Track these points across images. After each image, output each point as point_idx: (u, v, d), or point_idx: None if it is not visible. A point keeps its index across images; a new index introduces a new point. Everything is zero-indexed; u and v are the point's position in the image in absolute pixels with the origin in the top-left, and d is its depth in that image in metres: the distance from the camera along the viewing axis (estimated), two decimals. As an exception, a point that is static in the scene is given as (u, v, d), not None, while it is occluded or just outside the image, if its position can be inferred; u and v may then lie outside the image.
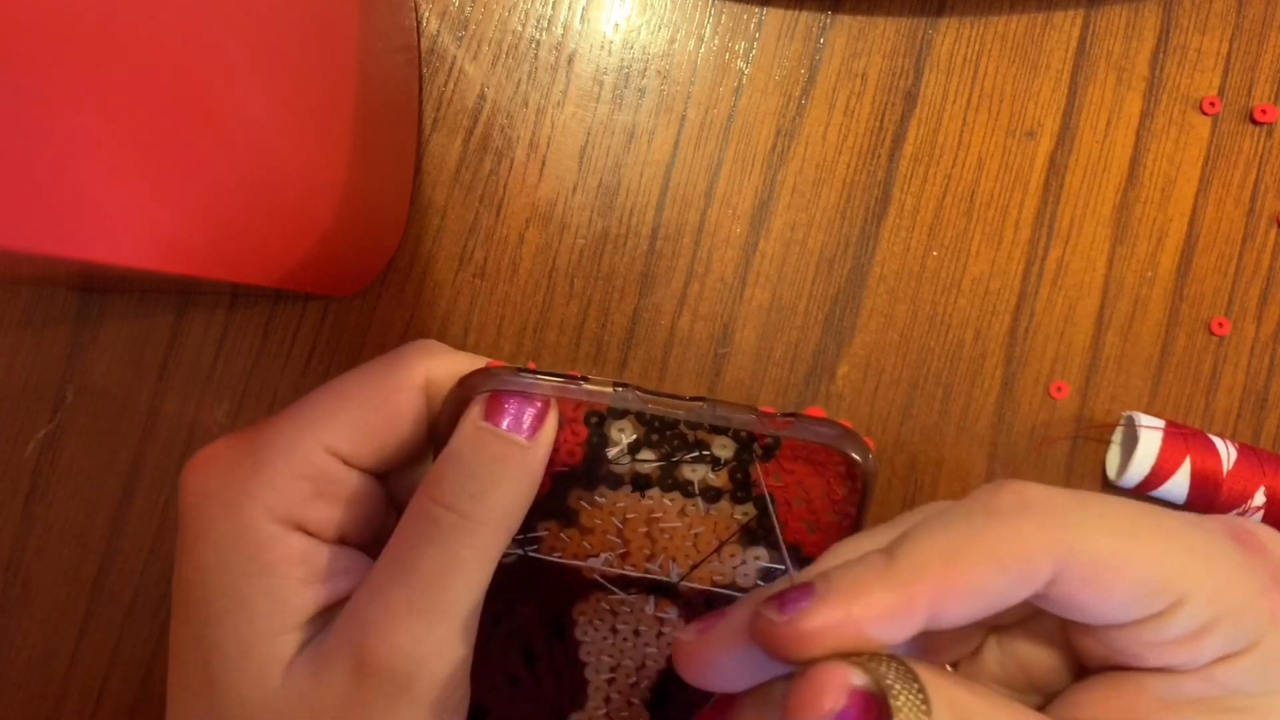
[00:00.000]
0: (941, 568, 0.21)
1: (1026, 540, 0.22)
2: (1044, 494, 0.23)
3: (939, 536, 0.22)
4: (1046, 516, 0.22)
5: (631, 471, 0.28)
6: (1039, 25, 0.41)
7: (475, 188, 0.40)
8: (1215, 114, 0.41)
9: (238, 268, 0.30)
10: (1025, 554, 0.22)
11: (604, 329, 0.40)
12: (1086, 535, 0.22)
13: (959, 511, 0.23)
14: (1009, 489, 0.23)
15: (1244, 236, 0.41)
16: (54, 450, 0.40)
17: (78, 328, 0.40)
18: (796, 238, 0.41)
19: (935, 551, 0.22)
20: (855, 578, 0.22)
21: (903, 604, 0.21)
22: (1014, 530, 0.22)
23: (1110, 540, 0.22)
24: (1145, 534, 0.22)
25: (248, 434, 0.27)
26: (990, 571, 0.21)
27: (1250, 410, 0.41)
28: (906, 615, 0.21)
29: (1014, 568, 0.21)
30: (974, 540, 0.22)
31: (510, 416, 0.26)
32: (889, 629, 0.21)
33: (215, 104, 0.24)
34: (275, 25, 0.26)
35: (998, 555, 0.21)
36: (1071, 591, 0.22)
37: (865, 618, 0.21)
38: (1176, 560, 0.22)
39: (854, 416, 0.40)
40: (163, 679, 0.39)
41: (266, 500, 0.26)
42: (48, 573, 0.39)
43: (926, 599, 0.21)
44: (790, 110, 0.41)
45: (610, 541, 0.29)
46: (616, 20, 0.41)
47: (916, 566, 0.21)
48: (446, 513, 0.25)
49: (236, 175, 0.27)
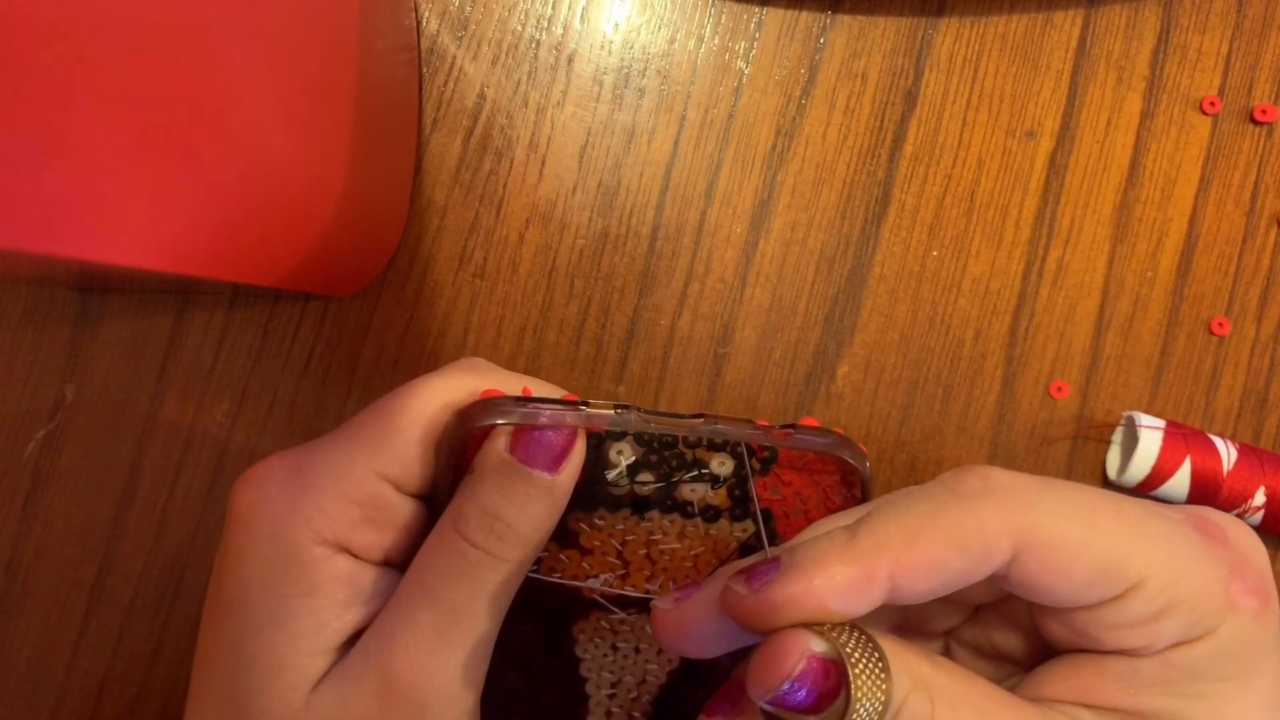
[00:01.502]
0: (902, 544, 0.22)
1: (985, 522, 0.22)
2: (1007, 478, 0.24)
3: (902, 515, 0.23)
4: (1007, 500, 0.23)
5: (630, 494, 0.28)
6: (1039, 25, 0.41)
7: (475, 188, 0.40)
8: (1215, 114, 0.41)
9: (238, 268, 0.30)
10: (984, 535, 0.22)
11: (604, 329, 0.40)
12: (1044, 519, 0.23)
13: (923, 492, 0.24)
14: (974, 473, 0.24)
15: (1244, 236, 0.41)
16: (54, 450, 0.40)
17: (78, 328, 0.40)
18: (796, 238, 0.41)
19: (896, 529, 0.23)
20: (818, 552, 0.23)
21: (862, 577, 0.22)
22: (974, 512, 0.23)
23: (1068, 525, 0.23)
24: (1104, 520, 0.23)
25: (300, 454, 0.28)
26: (949, 550, 0.22)
27: (1250, 410, 0.41)
28: (866, 588, 0.22)
29: (972, 548, 0.22)
30: (935, 520, 0.23)
31: (535, 452, 0.26)
32: (849, 601, 0.22)
33: (215, 104, 0.24)
34: (275, 25, 0.26)
35: (957, 535, 0.22)
36: (1030, 573, 0.23)
37: (826, 590, 0.22)
38: (1134, 546, 0.23)
39: (854, 416, 0.40)
40: (162, 679, 0.39)
41: (316, 523, 0.26)
42: (48, 573, 0.39)
43: (885, 573, 0.22)
44: (790, 110, 0.41)
45: (610, 563, 0.29)
46: (616, 20, 0.41)
47: (877, 543, 0.22)
48: (473, 549, 0.26)
49: (236, 175, 0.27)
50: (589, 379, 0.40)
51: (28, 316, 0.40)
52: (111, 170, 0.21)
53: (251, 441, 0.40)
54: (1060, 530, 0.23)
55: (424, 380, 0.28)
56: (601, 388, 0.40)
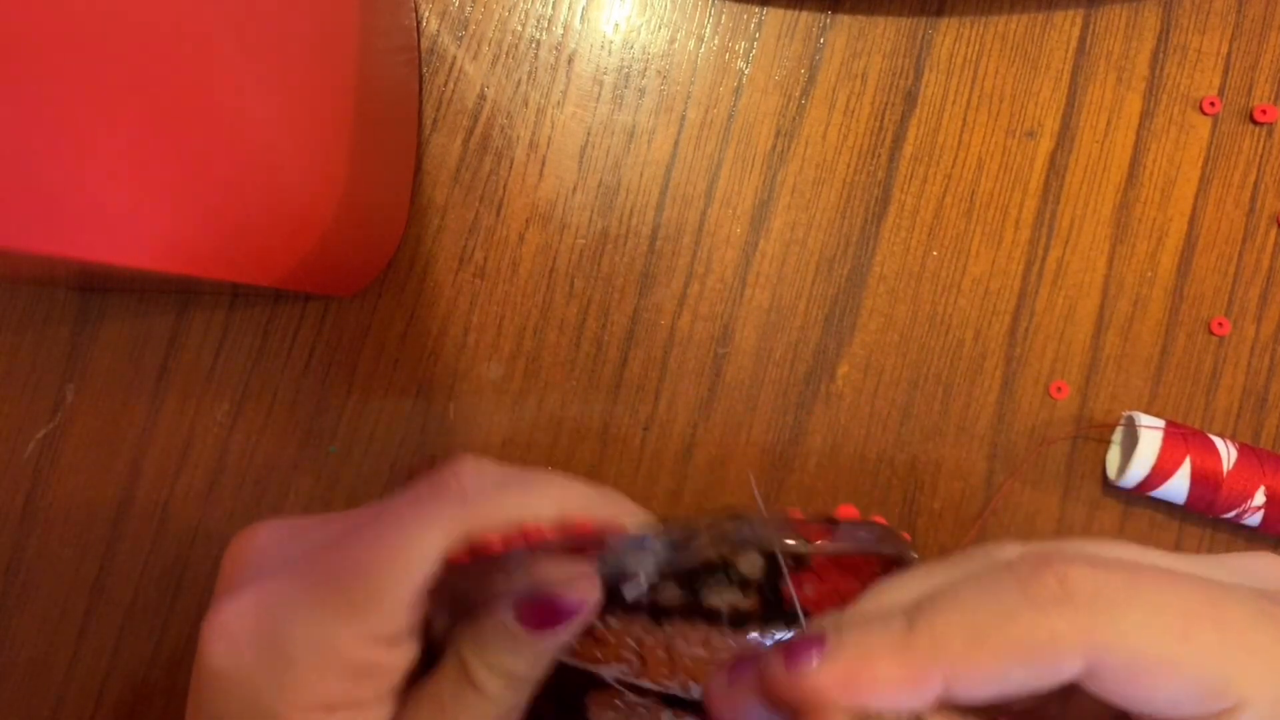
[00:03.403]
0: (962, 649, 0.20)
1: (1058, 634, 0.20)
2: (1090, 583, 0.21)
3: (966, 613, 0.21)
4: (1088, 612, 0.21)
5: (651, 602, 0.26)
6: (1039, 25, 0.41)
7: (475, 188, 0.40)
8: (1215, 114, 0.41)
9: (238, 268, 0.30)
10: (1055, 650, 0.20)
11: (604, 329, 0.40)
12: (1130, 633, 0.20)
13: (991, 586, 0.22)
14: (1050, 569, 0.21)
15: (1244, 236, 0.41)
16: (54, 450, 0.40)
17: (78, 328, 0.40)
18: (796, 238, 0.41)
19: (957, 630, 0.21)
20: (867, 642, 0.21)
21: (911, 679, 0.20)
22: (1046, 623, 0.21)
23: (1158, 640, 0.20)
24: (1201, 632, 0.21)
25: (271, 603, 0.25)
26: (1013, 663, 0.20)
27: (1250, 410, 0.41)
28: (914, 691, 0.20)
29: (1040, 662, 0.20)
30: (1001, 626, 0.21)
31: (544, 621, 0.25)
32: (893, 701, 0.20)
33: (216, 104, 0.24)
34: (275, 26, 0.26)
35: (1023, 647, 0.20)
36: (1110, 686, 0.21)
37: (870, 686, 0.20)
38: (1236, 662, 0.20)
39: (854, 416, 0.40)
40: (162, 679, 0.39)
41: (302, 698, 0.24)
42: (48, 573, 0.39)
43: (939, 678, 0.20)
44: (790, 110, 0.41)
45: (625, 657, 0.27)
46: (616, 20, 0.41)
47: (934, 644, 0.21)
48: (489, 700, 0.25)
49: (237, 176, 0.27)
50: (589, 379, 0.40)
51: (28, 316, 0.40)
52: (112, 171, 0.21)
53: (251, 441, 0.40)
54: (1148, 646, 0.20)
55: (409, 524, 0.25)
56: (601, 387, 0.40)
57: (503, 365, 0.40)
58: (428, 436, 0.40)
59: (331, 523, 0.27)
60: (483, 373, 0.40)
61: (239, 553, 0.27)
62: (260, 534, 0.27)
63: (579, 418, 0.40)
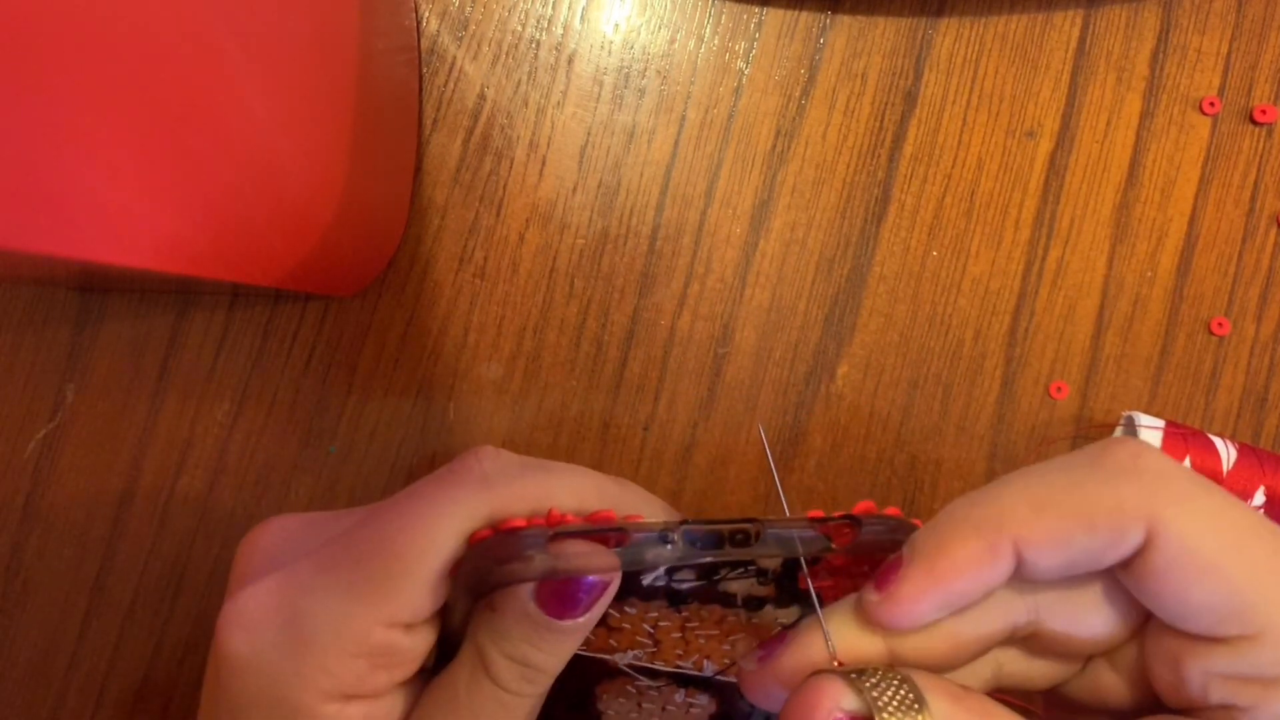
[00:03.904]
0: (1027, 515, 0.21)
1: (1125, 501, 0.21)
2: (1161, 463, 0.21)
3: (1033, 484, 0.21)
4: (1155, 485, 0.21)
5: (668, 587, 0.26)
6: (1039, 25, 0.41)
7: (475, 188, 0.40)
8: (1215, 114, 0.41)
9: (238, 268, 0.30)
10: (1120, 516, 0.20)
11: (604, 329, 0.40)
12: (1189, 521, 0.20)
13: (1061, 462, 0.22)
14: (1126, 445, 0.22)
15: (1244, 236, 0.41)
16: (54, 450, 0.40)
17: (78, 328, 0.40)
18: (796, 238, 0.41)
19: (1023, 499, 0.21)
20: (939, 534, 0.21)
21: (985, 552, 0.21)
22: (1113, 490, 0.21)
23: (1212, 537, 0.20)
24: (1254, 548, 0.21)
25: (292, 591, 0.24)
26: (1079, 528, 0.21)
27: (1250, 410, 0.41)
28: (991, 565, 0.21)
29: (1104, 527, 0.21)
30: (1070, 493, 0.21)
31: (564, 605, 0.24)
32: (977, 579, 0.21)
33: (216, 104, 0.24)
34: (276, 26, 0.26)
35: (1090, 511, 0.21)
36: (1150, 571, 0.21)
37: (952, 571, 0.21)
38: (1272, 589, 0.20)
39: (854, 416, 0.40)
40: (162, 679, 0.39)
41: (322, 683, 0.24)
42: (48, 573, 0.39)
43: (1010, 547, 0.21)
44: (790, 110, 0.41)
45: (640, 641, 0.27)
46: (616, 20, 0.41)
47: (1001, 514, 0.21)
48: (506, 693, 0.25)
49: (237, 175, 0.27)
50: (589, 379, 0.40)
51: (28, 317, 0.40)
52: (112, 170, 0.21)
53: (252, 441, 0.40)
54: (1200, 539, 0.20)
55: (431, 504, 0.24)
56: (601, 387, 0.40)
57: (503, 365, 0.40)
58: (428, 436, 0.40)
59: (346, 515, 0.27)
60: (483, 373, 0.40)
61: (253, 547, 0.27)
62: (273, 527, 0.27)
63: (579, 418, 0.40)
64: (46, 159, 0.19)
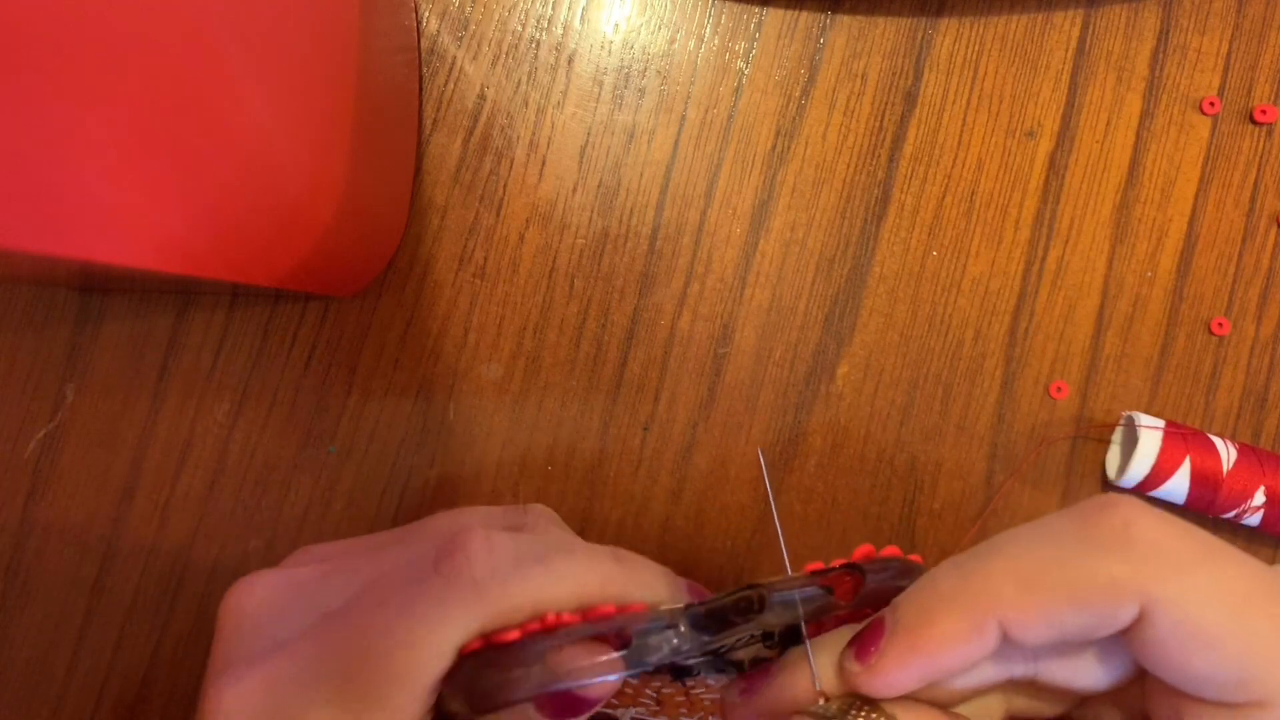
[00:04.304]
0: (1014, 593, 0.20)
1: (1116, 581, 0.20)
2: (1155, 532, 0.20)
3: (1021, 556, 0.21)
4: (1148, 559, 0.20)
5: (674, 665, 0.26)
6: (1039, 25, 0.41)
7: (475, 188, 0.40)
8: (1215, 114, 0.41)
9: (238, 268, 0.30)
10: (1113, 596, 0.20)
11: (604, 329, 0.40)
12: (1188, 597, 0.20)
13: (1050, 530, 0.21)
14: (1118, 511, 0.21)
15: (1244, 236, 0.41)
16: (54, 450, 0.40)
17: (78, 328, 0.40)
18: (796, 238, 0.41)
19: (1010, 574, 0.20)
20: (922, 605, 0.21)
21: (970, 629, 0.20)
22: (1105, 566, 0.20)
23: (1212, 611, 0.20)
24: (1254, 615, 0.20)
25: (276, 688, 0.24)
26: (1068, 607, 0.20)
27: (1250, 410, 0.41)
28: (976, 641, 0.20)
29: (1095, 608, 0.20)
30: (1059, 568, 0.20)
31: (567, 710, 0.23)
32: (961, 654, 0.20)
33: (216, 104, 0.24)
34: (276, 26, 0.26)
35: (1080, 591, 0.20)
36: (1150, 648, 0.20)
37: (935, 646, 0.20)
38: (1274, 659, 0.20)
39: (854, 416, 0.40)
40: (162, 679, 0.39)
41: None
42: (48, 573, 0.39)
43: (995, 625, 0.20)
44: (790, 110, 0.41)
45: (643, 702, 0.27)
46: (616, 20, 0.41)
47: (988, 589, 0.20)
48: None
49: (237, 175, 0.27)
50: (589, 379, 0.40)
51: (28, 316, 0.40)
52: (112, 170, 0.21)
53: (252, 441, 0.40)
54: (1200, 613, 0.20)
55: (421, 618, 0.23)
56: (601, 387, 0.40)
57: (503, 365, 0.40)
58: (428, 436, 0.40)
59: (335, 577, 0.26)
60: (483, 373, 0.40)
61: (236, 613, 0.26)
62: (257, 591, 0.26)
63: (579, 418, 0.40)
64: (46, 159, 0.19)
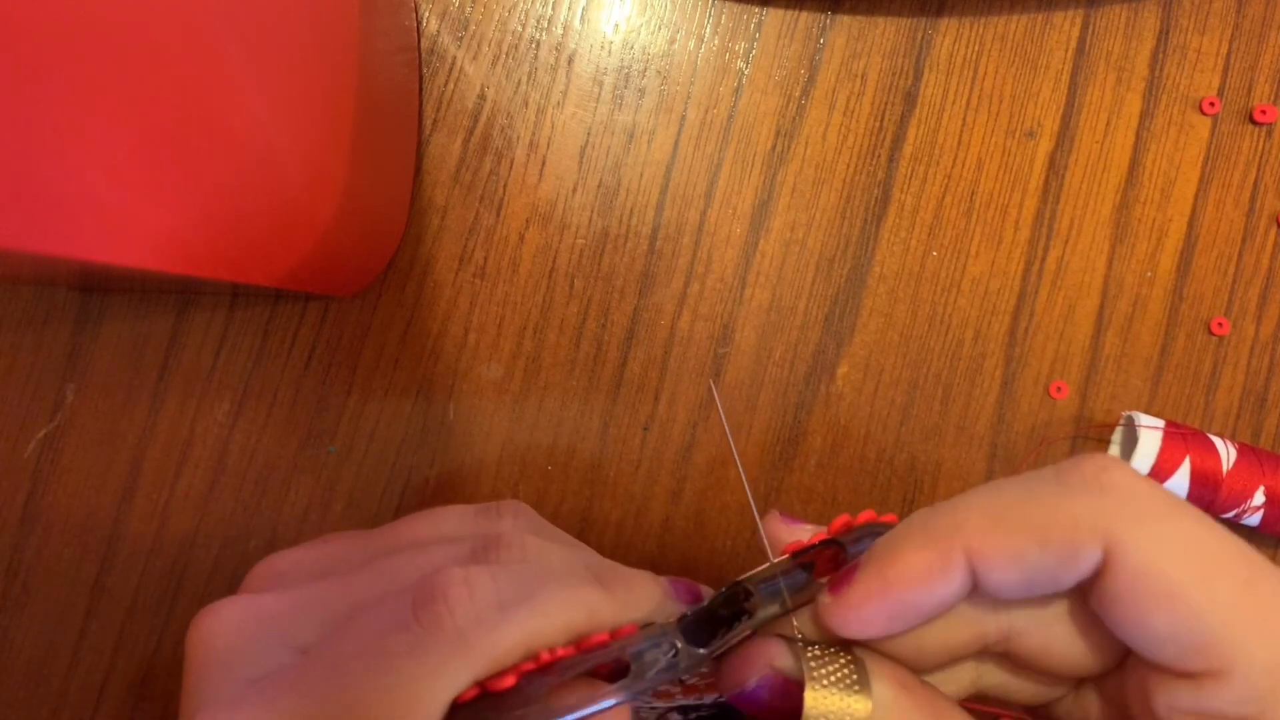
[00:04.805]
0: (979, 528, 0.20)
1: (1080, 519, 0.19)
2: (1128, 479, 0.20)
3: (988, 498, 0.21)
4: (1118, 502, 0.20)
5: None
6: (1039, 25, 0.41)
7: (475, 188, 0.40)
8: (1215, 114, 0.41)
9: (238, 268, 0.30)
10: (1073, 533, 0.19)
11: (604, 329, 0.40)
12: (1151, 543, 0.19)
13: (1027, 477, 0.21)
14: (1095, 460, 0.21)
15: (1244, 236, 0.41)
16: (54, 450, 0.40)
17: (78, 328, 0.40)
18: (796, 238, 0.41)
19: (977, 511, 0.20)
20: (892, 541, 0.21)
21: (937, 563, 0.20)
22: (1069, 506, 0.20)
23: (1175, 562, 0.19)
24: (1222, 575, 0.19)
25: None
26: (1031, 542, 0.20)
27: (1250, 410, 0.41)
28: (942, 574, 0.20)
29: (1056, 545, 0.20)
30: (1022, 506, 0.20)
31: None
32: (930, 591, 0.20)
33: (216, 105, 0.24)
34: (276, 26, 0.26)
35: (1042, 527, 0.20)
36: (1109, 596, 0.20)
37: (903, 579, 0.20)
38: (1239, 622, 0.19)
39: (854, 416, 0.40)
40: (163, 679, 0.39)
41: None
42: (48, 573, 0.39)
43: (961, 558, 0.20)
44: (790, 110, 0.41)
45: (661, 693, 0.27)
46: (616, 20, 0.41)
47: (955, 523, 0.20)
48: None
49: (237, 176, 0.27)
50: (589, 379, 0.40)
51: (28, 316, 0.40)
52: (112, 170, 0.21)
53: (252, 441, 0.40)
54: (1162, 563, 0.19)
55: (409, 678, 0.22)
56: (601, 387, 0.40)
57: (503, 365, 0.40)
58: (428, 436, 0.40)
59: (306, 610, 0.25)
60: (483, 373, 0.40)
61: (205, 646, 0.24)
62: (224, 622, 0.25)
63: (579, 418, 0.40)
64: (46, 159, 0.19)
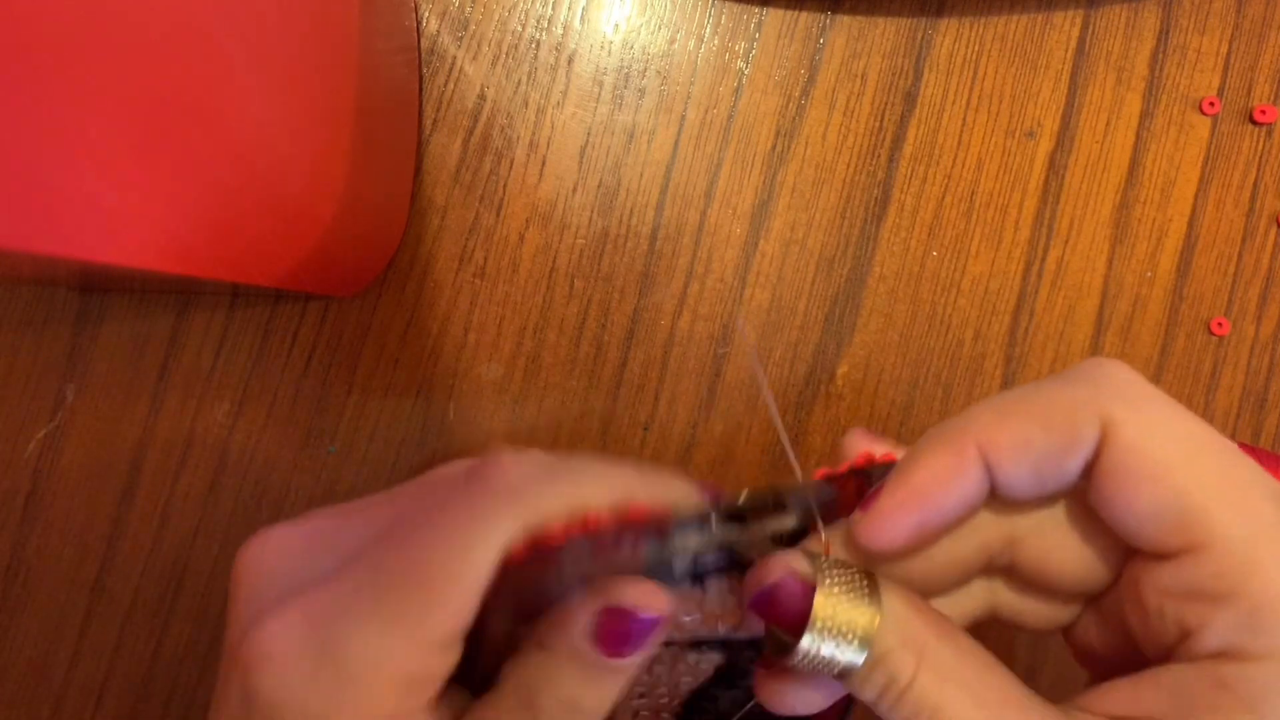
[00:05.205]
0: (989, 422, 0.22)
1: (1079, 402, 0.21)
2: (1126, 373, 0.22)
3: (996, 398, 0.22)
4: (1112, 391, 0.21)
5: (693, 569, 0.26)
6: (1039, 25, 0.41)
7: (475, 188, 0.40)
8: (1215, 114, 0.41)
9: (238, 268, 0.30)
10: (1073, 414, 0.21)
11: (604, 329, 0.40)
12: (1141, 424, 0.21)
13: (1040, 380, 0.23)
14: (1098, 359, 0.23)
15: (1244, 236, 0.41)
16: (54, 450, 0.40)
17: (78, 328, 0.40)
18: (796, 238, 0.41)
19: (986, 409, 0.22)
20: (911, 453, 0.22)
21: (955, 459, 0.21)
22: (1070, 393, 0.22)
23: (1162, 442, 0.21)
24: (1205, 459, 0.21)
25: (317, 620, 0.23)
26: (1036, 427, 0.21)
27: (1250, 410, 0.41)
28: (960, 472, 0.21)
29: (1059, 427, 0.21)
30: (1028, 398, 0.22)
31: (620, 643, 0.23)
32: (950, 492, 0.21)
33: (216, 104, 0.24)
34: (276, 26, 0.26)
35: (1045, 413, 0.21)
36: (1102, 476, 0.21)
37: (927, 485, 0.22)
38: (1218, 501, 0.20)
39: (854, 416, 0.40)
40: (162, 679, 0.39)
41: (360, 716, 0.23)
42: (48, 573, 0.39)
43: (975, 452, 0.21)
44: (790, 110, 0.41)
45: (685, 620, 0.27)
46: (616, 20, 0.41)
47: (966, 424, 0.22)
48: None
49: (237, 175, 0.27)
50: (589, 379, 0.40)
51: (28, 316, 0.40)
52: (112, 170, 0.21)
53: (252, 441, 0.40)
54: (1150, 443, 0.21)
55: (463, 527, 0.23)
56: (601, 387, 0.40)
57: (503, 365, 0.40)
58: (428, 436, 0.40)
59: (353, 522, 0.26)
60: (483, 373, 0.40)
61: (255, 568, 0.25)
62: (272, 543, 0.26)
63: (579, 418, 0.40)
64: (46, 159, 0.19)
